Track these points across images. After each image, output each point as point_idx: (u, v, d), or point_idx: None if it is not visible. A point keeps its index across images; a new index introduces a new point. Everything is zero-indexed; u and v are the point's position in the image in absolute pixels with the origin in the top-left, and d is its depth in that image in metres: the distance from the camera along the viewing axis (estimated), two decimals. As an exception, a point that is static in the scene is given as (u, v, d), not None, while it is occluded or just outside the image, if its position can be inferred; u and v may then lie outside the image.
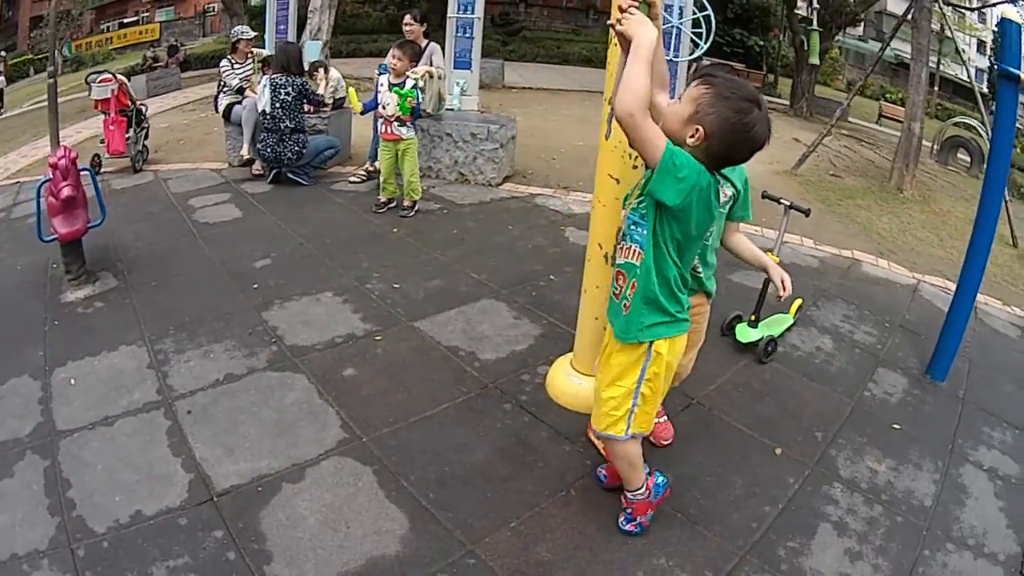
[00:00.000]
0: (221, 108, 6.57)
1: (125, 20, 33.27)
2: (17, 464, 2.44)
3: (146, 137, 6.85)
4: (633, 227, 1.94)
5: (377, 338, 3.39)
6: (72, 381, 2.92)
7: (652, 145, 1.73)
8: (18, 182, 5.95)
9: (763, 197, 3.72)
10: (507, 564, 2.10)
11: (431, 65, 5.83)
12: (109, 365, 3.03)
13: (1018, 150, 21.83)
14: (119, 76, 6.58)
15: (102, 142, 6.49)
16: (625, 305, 1.99)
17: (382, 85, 5.01)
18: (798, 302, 3.97)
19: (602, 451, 2.66)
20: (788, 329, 3.80)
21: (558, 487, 2.42)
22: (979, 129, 12.73)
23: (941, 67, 26.05)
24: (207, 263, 4.24)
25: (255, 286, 3.91)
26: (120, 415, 2.67)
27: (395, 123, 5.03)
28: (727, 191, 2.34)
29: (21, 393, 2.87)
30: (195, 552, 2.04)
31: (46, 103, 7.50)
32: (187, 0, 32.21)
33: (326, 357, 3.19)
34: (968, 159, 12.73)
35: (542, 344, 3.42)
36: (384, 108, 5.00)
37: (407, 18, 5.98)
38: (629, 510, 2.23)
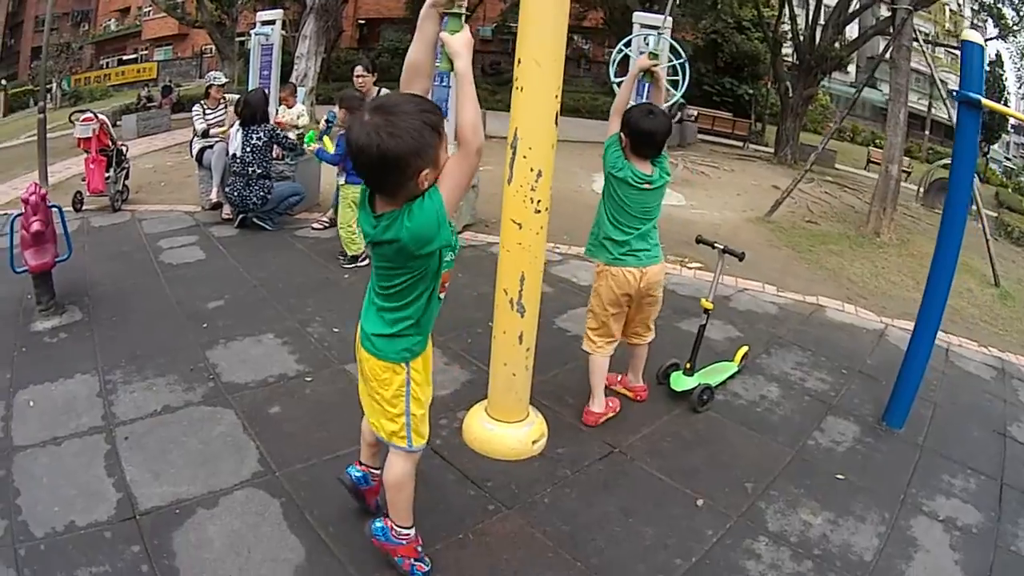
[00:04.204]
0: (194, 152, 6.73)
1: (124, 57, 33.81)
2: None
3: (127, 177, 7.00)
4: None
5: (307, 379, 3.43)
6: (31, 403, 3.11)
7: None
8: (6, 213, 6.07)
9: (697, 242, 3.68)
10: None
11: None
12: (64, 391, 3.22)
13: (1009, 190, 21.86)
14: (100, 116, 6.71)
15: (83, 180, 6.65)
16: None
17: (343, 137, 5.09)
18: (744, 349, 3.86)
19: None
20: (731, 377, 3.67)
21: (456, 530, 2.41)
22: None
23: (933, 110, 26.18)
24: (165, 302, 4.34)
25: (204, 326, 3.99)
26: (67, 436, 2.86)
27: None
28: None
29: (-14, 411, 3.05)
30: (114, 562, 2.20)
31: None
32: (185, 40, 32.71)
33: (257, 395, 3.25)
34: (954, 201, 12.69)
35: (467, 390, 3.41)
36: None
37: (358, 69, 5.71)
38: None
